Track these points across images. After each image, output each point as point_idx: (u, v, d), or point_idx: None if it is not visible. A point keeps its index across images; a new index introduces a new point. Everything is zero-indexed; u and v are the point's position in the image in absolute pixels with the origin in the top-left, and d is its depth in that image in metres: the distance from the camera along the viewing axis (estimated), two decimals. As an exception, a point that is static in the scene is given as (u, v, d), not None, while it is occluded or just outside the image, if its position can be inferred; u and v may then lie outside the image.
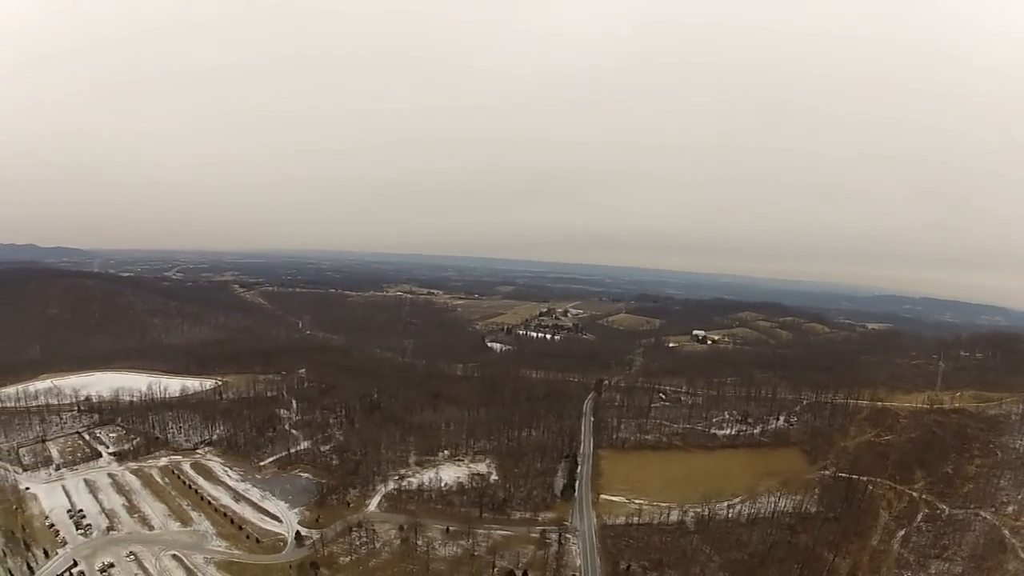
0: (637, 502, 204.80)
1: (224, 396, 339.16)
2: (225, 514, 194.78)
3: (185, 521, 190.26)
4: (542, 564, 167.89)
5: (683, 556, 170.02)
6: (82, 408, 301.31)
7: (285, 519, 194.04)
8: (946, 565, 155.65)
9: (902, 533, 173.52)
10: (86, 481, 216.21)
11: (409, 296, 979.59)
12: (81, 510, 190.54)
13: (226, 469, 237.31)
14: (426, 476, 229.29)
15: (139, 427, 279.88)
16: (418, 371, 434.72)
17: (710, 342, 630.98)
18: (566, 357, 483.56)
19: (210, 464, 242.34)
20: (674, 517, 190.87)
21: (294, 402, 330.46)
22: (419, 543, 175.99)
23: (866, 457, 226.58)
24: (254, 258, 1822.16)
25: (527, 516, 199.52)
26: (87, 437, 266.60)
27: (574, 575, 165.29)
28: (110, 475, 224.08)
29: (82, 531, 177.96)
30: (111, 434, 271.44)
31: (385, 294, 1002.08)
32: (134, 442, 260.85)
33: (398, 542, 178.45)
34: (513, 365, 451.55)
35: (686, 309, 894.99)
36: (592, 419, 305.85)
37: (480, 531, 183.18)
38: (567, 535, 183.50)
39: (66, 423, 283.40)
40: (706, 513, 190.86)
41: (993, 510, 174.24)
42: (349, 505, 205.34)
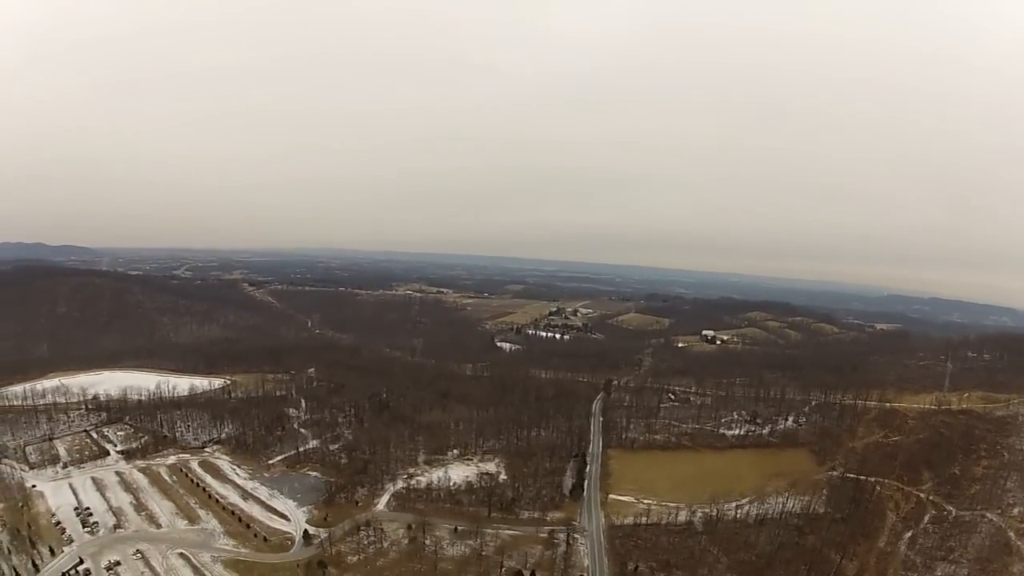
0: (645, 502, 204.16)
1: (233, 395, 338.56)
2: (233, 512, 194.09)
3: (193, 519, 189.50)
4: (550, 564, 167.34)
5: (691, 557, 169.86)
6: (90, 406, 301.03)
7: (293, 518, 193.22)
8: (952, 567, 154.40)
9: (909, 535, 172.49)
10: (93, 479, 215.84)
11: (419, 295, 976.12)
12: (88, 508, 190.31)
13: (234, 467, 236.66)
14: (435, 475, 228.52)
15: (147, 425, 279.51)
16: (427, 370, 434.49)
17: (719, 342, 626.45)
18: (575, 357, 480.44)
19: (218, 462, 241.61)
20: (682, 517, 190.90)
21: (303, 401, 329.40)
22: (427, 542, 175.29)
23: (874, 458, 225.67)
24: (263, 256, 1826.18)
25: (535, 516, 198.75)
26: (95, 435, 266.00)
27: (582, 575, 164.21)
28: (118, 473, 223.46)
29: (89, 529, 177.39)
30: (119, 432, 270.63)
31: (395, 293, 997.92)
32: (142, 440, 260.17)
33: (406, 541, 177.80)
34: (522, 365, 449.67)
35: (695, 309, 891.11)
36: (601, 419, 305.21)
37: (488, 531, 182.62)
38: (575, 535, 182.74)
39: (74, 421, 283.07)
40: (714, 514, 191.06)
41: (999, 512, 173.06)
42: (357, 504, 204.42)
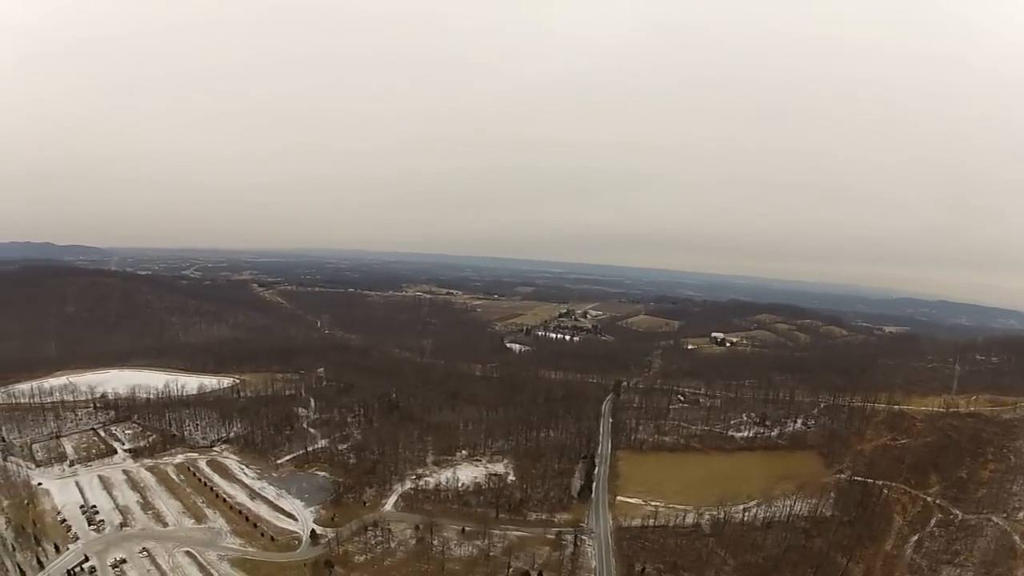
0: (653, 504, 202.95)
1: (242, 394, 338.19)
2: (240, 512, 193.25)
3: (200, 518, 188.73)
4: (557, 565, 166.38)
5: (698, 559, 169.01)
6: (98, 405, 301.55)
7: (301, 517, 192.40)
8: (957, 571, 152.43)
9: (915, 538, 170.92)
10: (100, 477, 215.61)
11: (428, 296, 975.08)
12: (94, 506, 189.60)
13: (242, 467, 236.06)
14: (443, 476, 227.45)
15: (155, 424, 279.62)
16: (437, 371, 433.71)
17: (728, 344, 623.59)
18: (585, 358, 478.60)
19: (226, 462, 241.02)
20: (690, 520, 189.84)
21: (312, 401, 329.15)
22: (435, 543, 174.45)
23: (882, 461, 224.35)
24: (273, 257, 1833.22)
25: (543, 517, 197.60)
26: (102, 434, 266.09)
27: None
28: (125, 472, 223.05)
29: (95, 527, 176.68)
30: (127, 431, 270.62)
31: (404, 294, 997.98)
32: (150, 439, 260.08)
33: (413, 542, 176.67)
34: (532, 366, 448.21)
35: (704, 311, 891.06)
36: (610, 420, 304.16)
37: (496, 532, 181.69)
38: (583, 537, 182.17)
39: (81, 420, 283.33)
40: (722, 516, 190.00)
41: (1005, 515, 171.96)
42: (365, 504, 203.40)
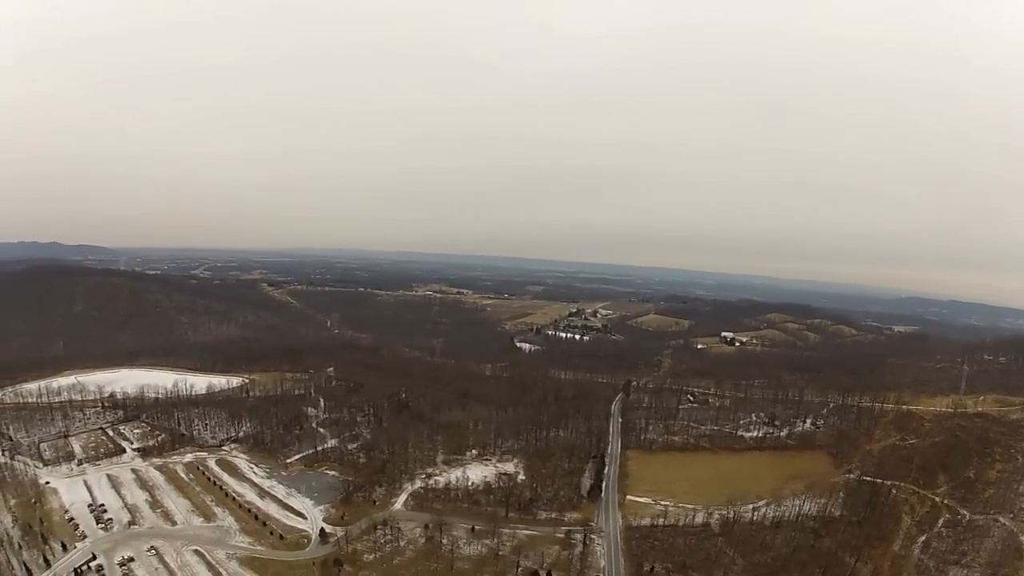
0: (663, 503, 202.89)
1: (251, 394, 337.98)
2: (249, 510, 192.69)
3: (208, 517, 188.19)
4: (566, 565, 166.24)
5: (707, 559, 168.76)
6: (106, 404, 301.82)
7: (310, 516, 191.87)
8: (964, 572, 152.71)
9: (923, 538, 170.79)
10: (108, 476, 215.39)
11: (438, 296, 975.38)
12: (102, 504, 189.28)
13: (252, 466, 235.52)
14: (453, 475, 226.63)
15: (164, 423, 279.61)
16: (447, 370, 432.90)
17: (738, 344, 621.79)
18: (595, 358, 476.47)
19: (236, 461, 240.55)
20: (699, 519, 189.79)
21: (322, 400, 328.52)
22: (444, 542, 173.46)
23: (891, 461, 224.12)
24: (282, 257, 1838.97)
25: (553, 516, 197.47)
26: (111, 433, 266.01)
27: (598, 575, 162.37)
28: (133, 471, 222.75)
29: (102, 525, 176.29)
30: (135, 430, 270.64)
31: (414, 293, 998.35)
32: (159, 438, 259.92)
33: (423, 540, 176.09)
34: (542, 365, 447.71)
35: (715, 310, 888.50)
36: (620, 420, 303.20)
37: (505, 531, 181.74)
38: (592, 536, 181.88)
39: (89, 419, 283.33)
40: (731, 515, 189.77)
41: (1012, 516, 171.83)
42: (375, 503, 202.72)
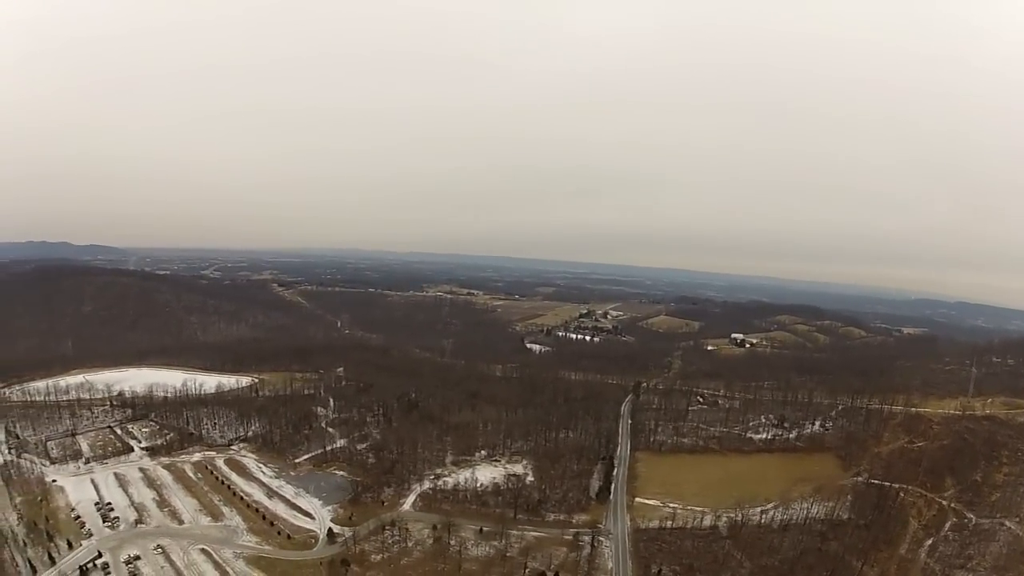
0: (671, 506, 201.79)
1: (260, 393, 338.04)
2: (257, 510, 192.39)
3: (216, 516, 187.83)
4: (574, 566, 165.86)
5: (714, 561, 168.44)
6: (114, 403, 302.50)
7: (318, 516, 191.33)
8: None
9: (930, 542, 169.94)
10: (116, 475, 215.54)
11: (449, 296, 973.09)
12: (109, 503, 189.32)
13: (260, 465, 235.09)
14: (462, 476, 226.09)
15: (173, 423, 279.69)
16: (457, 371, 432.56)
17: (748, 345, 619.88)
18: (605, 359, 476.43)
19: (244, 460, 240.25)
20: (707, 522, 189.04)
21: (331, 400, 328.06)
22: (452, 543, 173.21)
23: (899, 463, 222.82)
24: (292, 257, 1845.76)
25: (561, 518, 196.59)
26: (119, 431, 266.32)
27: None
28: (141, 469, 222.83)
29: (109, 523, 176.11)
30: (144, 429, 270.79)
31: (425, 294, 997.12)
32: (167, 437, 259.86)
33: (431, 541, 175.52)
34: (552, 366, 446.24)
35: (725, 311, 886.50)
36: (629, 421, 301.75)
37: (513, 532, 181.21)
38: (600, 538, 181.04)
39: (97, 418, 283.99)
40: (739, 518, 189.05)
41: (1018, 520, 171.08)
42: (383, 504, 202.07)
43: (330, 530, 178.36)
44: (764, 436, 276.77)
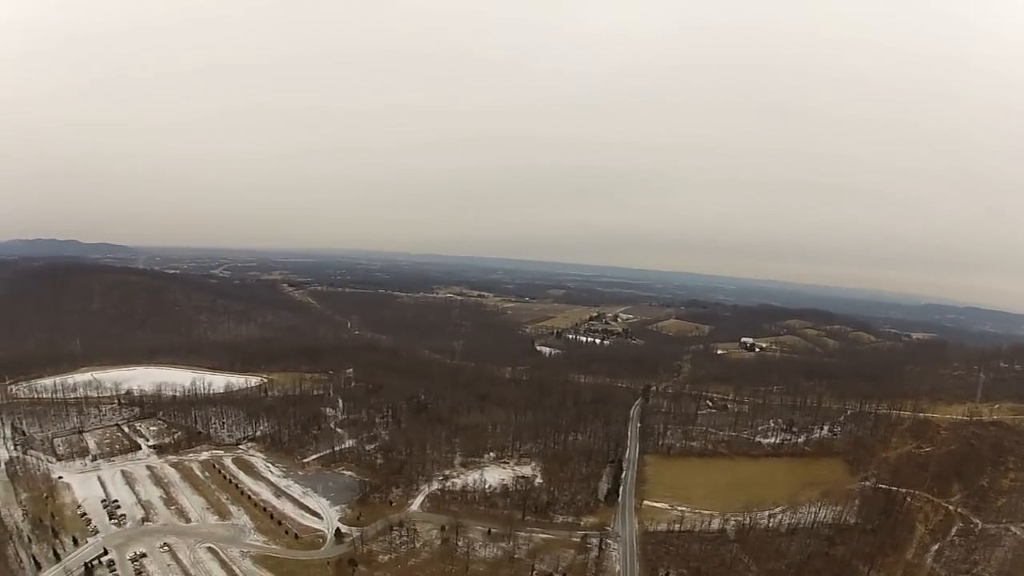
0: (680, 509, 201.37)
1: (269, 393, 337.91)
2: (265, 509, 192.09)
3: (223, 515, 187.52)
4: (581, 569, 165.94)
5: (722, 565, 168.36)
6: (122, 401, 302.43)
7: (326, 516, 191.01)
8: None
9: (936, 547, 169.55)
10: (123, 472, 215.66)
11: (459, 298, 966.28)
12: (116, 500, 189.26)
13: (268, 465, 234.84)
14: (470, 477, 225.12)
15: (181, 421, 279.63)
16: (466, 373, 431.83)
17: (758, 349, 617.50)
18: (615, 362, 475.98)
19: (252, 459, 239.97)
20: (715, 525, 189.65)
21: (340, 401, 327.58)
22: (460, 544, 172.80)
23: (906, 468, 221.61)
24: (302, 257, 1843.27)
25: (569, 520, 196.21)
26: (126, 429, 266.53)
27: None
28: (148, 467, 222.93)
29: (115, 521, 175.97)
30: (151, 427, 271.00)
31: (435, 296, 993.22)
32: (175, 436, 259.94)
33: (439, 542, 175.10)
34: (562, 369, 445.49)
35: (735, 316, 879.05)
36: (639, 424, 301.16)
37: (521, 534, 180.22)
38: (608, 540, 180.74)
39: (105, 415, 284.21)
40: (747, 522, 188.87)
41: (1023, 525, 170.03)
42: (392, 504, 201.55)
43: (338, 530, 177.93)
44: (773, 440, 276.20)
